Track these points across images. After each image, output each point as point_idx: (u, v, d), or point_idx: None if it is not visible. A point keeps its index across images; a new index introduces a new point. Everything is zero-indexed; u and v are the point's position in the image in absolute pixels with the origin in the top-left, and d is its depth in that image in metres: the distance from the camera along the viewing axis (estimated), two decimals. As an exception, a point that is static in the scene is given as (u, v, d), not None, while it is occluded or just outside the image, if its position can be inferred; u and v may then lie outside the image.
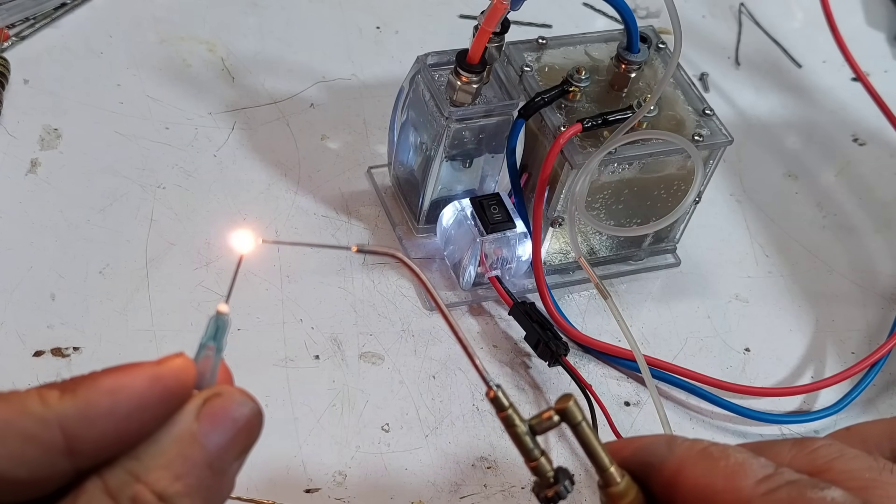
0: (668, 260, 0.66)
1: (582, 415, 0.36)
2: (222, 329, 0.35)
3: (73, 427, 0.31)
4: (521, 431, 0.36)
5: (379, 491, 0.53)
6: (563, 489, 0.36)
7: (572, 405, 0.36)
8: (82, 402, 0.31)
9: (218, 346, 0.35)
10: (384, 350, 0.58)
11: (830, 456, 0.35)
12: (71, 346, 0.55)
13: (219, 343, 0.35)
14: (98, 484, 0.31)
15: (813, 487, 0.33)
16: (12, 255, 0.58)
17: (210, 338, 0.34)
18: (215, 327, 0.35)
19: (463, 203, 0.60)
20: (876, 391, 0.63)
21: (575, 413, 0.36)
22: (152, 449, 0.32)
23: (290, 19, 0.75)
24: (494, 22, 0.54)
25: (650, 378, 0.57)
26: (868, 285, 0.68)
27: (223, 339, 0.35)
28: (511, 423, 0.36)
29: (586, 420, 0.36)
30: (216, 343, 0.35)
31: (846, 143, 0.77)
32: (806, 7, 0.85)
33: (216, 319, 0.35)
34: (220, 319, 0.35)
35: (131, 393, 0.32)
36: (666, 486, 0.35)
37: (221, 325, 0.35)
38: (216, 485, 0.33)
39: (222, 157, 0.66)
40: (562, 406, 0.36)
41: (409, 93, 0.60)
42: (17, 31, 0.69)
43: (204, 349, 0.34)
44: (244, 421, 0.33)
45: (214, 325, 0.35)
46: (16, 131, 0.64)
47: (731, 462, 0.35)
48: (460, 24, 0.78)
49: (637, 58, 0.59)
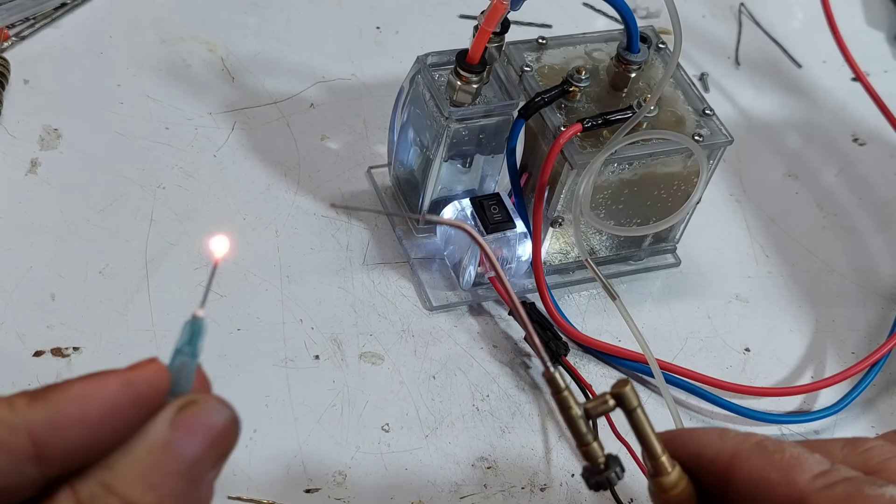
0: (668, 260, 0.66)
1: (638, 401, 0.36)
2: (198, 334, 0.34)
3: (42, 434, 0.30)
4: (576, 414, 0.36)
5: (379, 491, 0.53)
6: (615, 475, 0.36)
7: (629, 390, 0.36)
8: (52, 409, 0.31)
9: (193, 351, 0.34)
10: (384, 350, 0.58)
11: (884, 456, 0.35)
12: (71, 346, 0.55)
13: (194, 349, 0.34)
14: (69, 494, 0.30)
15: (871, 484, 0.33)
16: (12, 255, 0.58)
17: (185, 343, 0.34)
18: (190, 332, 0.34)
19: (463, 203, 0.60)
20: (876, 391, 0.63)
21: (631, 398, 0.36)
22: (125, 458, 0.31)
23: (290, 19, 0.75)
24: (494, 22, 0.54)
25: (663, 384, 0.57)
26: (868, 285, 0.68)
27: (199, 345, 0.34)
28: (567, 406, 0.35)
29: (641, 406, 0.36)
30: (191, 349, 0.34)
31: (846, 143, 0.77)
32: (806, 7, 0.85)
33: (191, 324, 0.34)
34: (196, 324, 0.34)
35: (102, 399, 0.31)
36: (718, 478, 0.35)
37: (197, 330, 0.34)
38: (191, 494, 0.32)
39: (222, 157, 0.66)
40: (618, 390, 0.36)
41: (409, 93, 0.60)
42: (17, 31, 0.69)
43: (179, 355, 0.33)
44: (220, 429, 0.33)
45: (189, 329, 0.34)
46: (16, 131, 0.64)
47: (786, 456, 0.34)
48: (460, 24, 0.78)
49: (637, 58, 0.59)
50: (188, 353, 0.33)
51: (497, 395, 0.58)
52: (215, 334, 0.57)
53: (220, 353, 0.56)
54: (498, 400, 0.58)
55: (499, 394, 0.58)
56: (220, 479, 0.52)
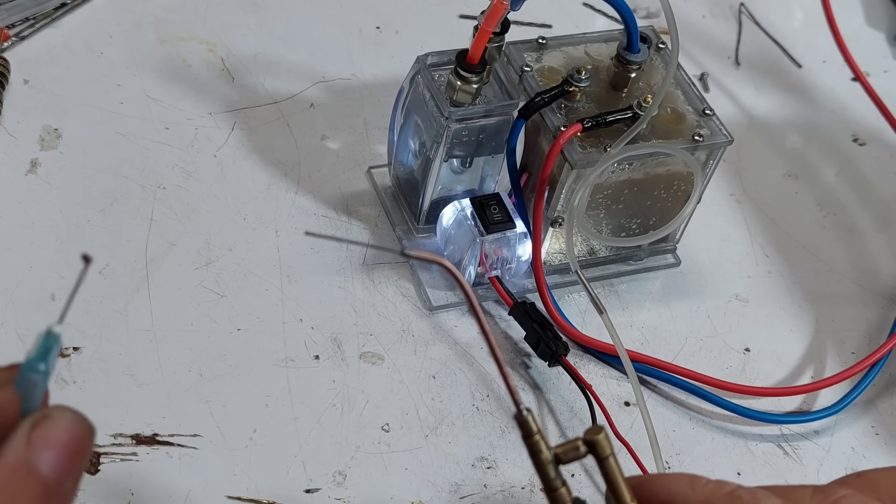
0: (668, 260, 0.66)
1: (610, 449, 0.35)
2: (52, 349, 0.32)
3: None
4: (546, 459, 0.35)
5: (379, 491, 0.53)
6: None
7: (602, 438, 0.35)
8: None
9: (46, 368, 0.32)
10: (384, 350, 0.58)
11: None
12: (71, 346, 0.55)
13: (48, 365, 0.32)
14: None
15: None
16: (12, 255, 0.58)
17: (38, 359, 0.32)
18: (44, 347, 0.32)
19: (463, 203, 0.60)
20: (876, 391, 0.63)
21: (604, 446, 0.35)
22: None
23: (290, 19, 0.75)
24: (494, 22, 0.54)
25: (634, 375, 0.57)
26: (868, 285, 0.68)
27: (52, 361, 0.32)
28: (537, 450, 0.35)
29: (614, 455, 0.35)
30: (45, 365, 0.32)
31: (846, 143, 0.77)
32: (806, 7, 0.85)
33: (46, 338, 0.32)
34: (51, 338, 0.32)
35: None
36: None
37: (51, 345, 0.32)
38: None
39: (222, 157, 0.66)
40: (591, 438, 0.35)
41: (409, 93, 0.60)
42: (17, 31, 0.69)
43: (30, 371, 0.32)
44: (77, 440, 0.32)
45: (44, 344, 0.32)
46: (16, 131, 0.64)
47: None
48: (460, 24, 0.78)
49: (637, 58, 0.59)
50: (41, 370, 0.32)
51: (497, 395, 0.58)
52: (215, 334, 0.57)
53: (220, 353, 0.56)
54: (498, 400, 0.58)
55: (499, 394, 0.58)
56: (220, 478, 0.52)
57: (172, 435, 0.53)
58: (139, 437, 0.53)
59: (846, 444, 0.60)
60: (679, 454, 0.58)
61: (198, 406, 0.54)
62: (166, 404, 0.54)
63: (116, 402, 0.54)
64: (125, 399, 0.54)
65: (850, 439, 0.60)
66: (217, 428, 0.54)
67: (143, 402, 0.54)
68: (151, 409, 0.54)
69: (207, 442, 0.53)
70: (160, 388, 0.55)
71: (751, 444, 0.59)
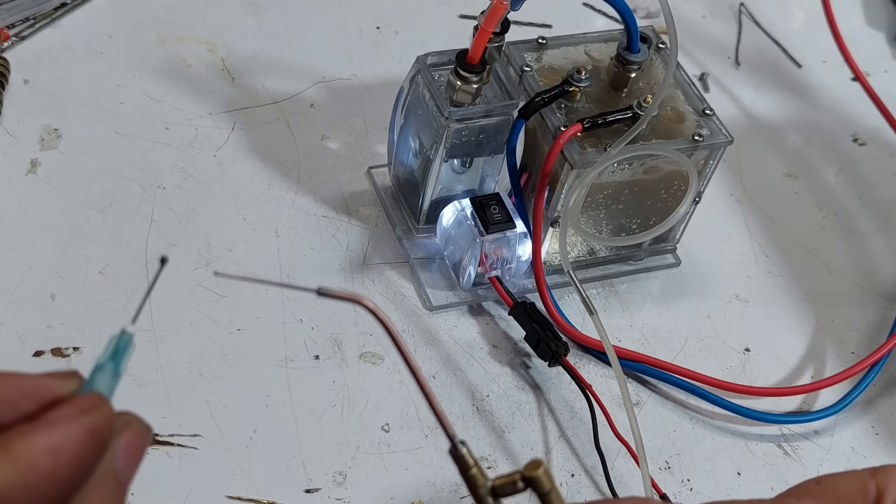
0: (668, 260, 0.66)
1: (551, 483, 0.34)
2: (123, 350, 0.33)
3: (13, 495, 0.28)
4: (484, 493, 0.34)
5: (379, 491, 0.53)
6: None
7: (541, 473, 0.34)
8: (22, 466, 0.29)
9: (117, 369, 0.33)
10: (384, 350, 0.58)
11: None
12: (71, 346, 0.55)
13: (118, 366, 0.33)
14: None
15: None
16: (12, 255, 0.58)
17: (109, 359, 0.33)
18: (116, 348, 0.33)
19: (463, 203, 0.60)
20: (876, 391, 0.63)
21: (543, 482, 0.34)
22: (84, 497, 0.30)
23: (290, 19, 0.75)
24: (494, 22, 0.54)
25: (621, 373, 0.57)
26: (868, 285, 0.68)
27: (123, 363, 0.33)
28: (475, 484, 0.34)
29: (556, 489, 0.34)
30: (115, 365, 0.33)
31: (846, 143, 0.77)
32: (806, 7, 0.85)
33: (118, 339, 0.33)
34: (123, 339, 0.33)
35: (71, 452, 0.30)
36: None
37: (123, 346, 0.33)
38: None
39: (222, 157, 0.66)
40: (530, 474, 0.34)
41: (409, 93, 0.60)
42: (17, 31, 0.69)
43: (100, 371, 0.32)
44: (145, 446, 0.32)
45: (115, 345, 0.33)
46: (16, 131, 0.64)
47: None
48: (460, 24, 0.78)
49: (637, 58, 0.59)
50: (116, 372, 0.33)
51: (497, 395, 0.58)
52: (215, 334, 0.57)
53: (220, 353, 0.56)
54: (498, 400, 0.58)
55: (499, 394, 0.58)
56: (220, 478, 0.52)
57: (172, 435, 0.53)
58: (139, 437, 0.53)
59: (846, 444, 0.60)
60: (679, 454, 0.58)
61: (198, 406, 0.54)
62: (166, 404, 0.54)
63: (116, 403, 0.53)
64: (125, 399, 0.54)
65: (850, 439, 0.60)
66: (217, 428, 0.54)
67: (143, 402, 0.54)
68: (151, 409, 0.54)
69: (207, 442, 0.53)
70: (160, 388, 0.55)
71: (751, 444, 0.59)
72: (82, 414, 0.30)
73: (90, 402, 0.31)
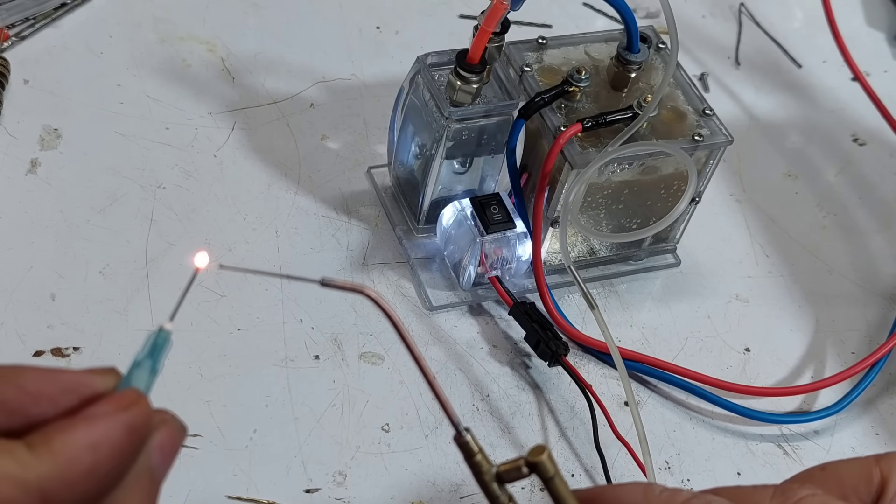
0: (668, 260, 0.66)
1: (555, 468, 0.35)
2: (161, 348, 0.33)
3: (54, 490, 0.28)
4: (489, 479, 0.35)
5: (379, 491, 0.53)
6: None
7: (545, 459, 0.34)
8: (62, 461, 0.29)
9: (154, 366, 0.33)
10: (384, 350, 0.58)
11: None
12: (71, 346, 0.55)
13: (156, 363, 0.33)
14: None
15: None
16: (12, 255, 0.58)
17: (147, 356, 0.33)
18: (154, 345, 0.33)
19: (463, 203, 0.60)
20: (876, 391, 0.63)
21: (547, 467, 0.34)
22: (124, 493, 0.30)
23: (290, 19, 0.75)
24: (494, 22, 0.54)
25: (625, 374, 0.57)
26: (868, 285, 0.68)
27: (161, 360, 0.33)
28: (480, 470, 0.35)
29: (559, 474, 0.35)
30: (153, 362, 0.33)
31: (846, 143, 0.77)
32: (806, 7, 0.85)
33: (156, 336, 0.33)
34: (161, 336, 0.33)
35: (111, 447, 0.30)
36: None
37: (161, 344, 0.33)
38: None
39: (222, 157, 0.66)
40: (534, 459, 0.35)
41: (409, 93, 0.60)
42: (17, 31, 0.69)
43: (138, 367, 0.33)
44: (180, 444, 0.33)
45: (153, 342, 0.33)
46: (16, 131, 0.64)
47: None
48: (460, 24, 0.78)
49: (637, 58, 0.59)
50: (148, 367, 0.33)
51: (497, 395, 0.58)
52: (215, 334, 0.57)
53: (220, 353, 0.56)
54: (498, 400, 0.58)
55: (499, 394, 0.58)
56: (220, 478, 0.52)
57: (172, 435, 0.53)
58: (139, 437, 0.53)
59: (846, 444, 0.60)
60: (679, 454, 0.58)
61: (198, 406, 0.54)
62: (166, 404, 0.54)
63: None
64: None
65: (850, 439, 0.60)
66: (217, 428, 0.54)
67: (143, 402, 0.54)
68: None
69: (207, 442, 0.53)
70: (160, 388, 0.54)
71: (751, 444, 0.59)
72: (121, 410, 0.31)
73: (129, 398, 0.31)
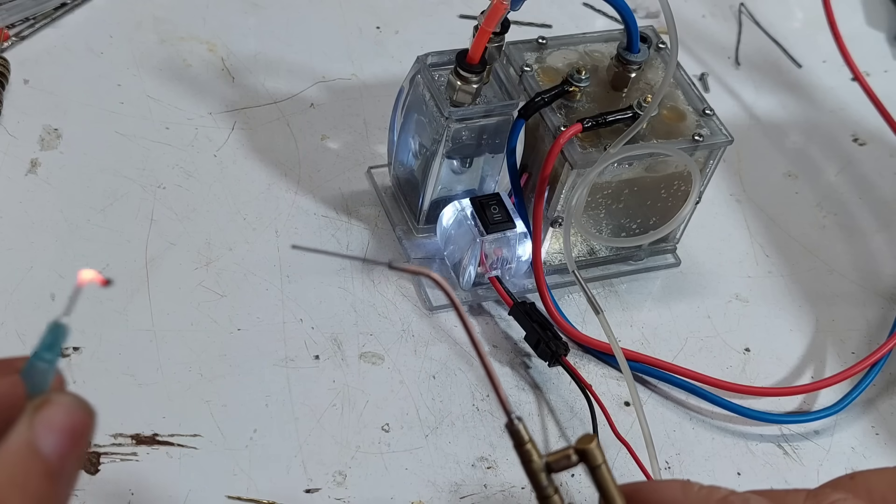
0: (668, 260, 0.66)
1: (602, 457, 0.35)
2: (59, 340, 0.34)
3: None
4: (538, 467, 0.35)
5: (379, 491, 0.53)
6: None
7: (594, 447, 0.35)
8: None
9: (53, 357, 0.34)
10: (384, 350, 0.58)
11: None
12: (71, 346, 0.55)
13: (55, 355, 0.34)
14: None
15: None
16: (12, 255, 0.58)
17: (45, 349, 0.33)
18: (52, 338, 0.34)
19: (463, 203, 0.60)
20: (876, 391, 0.63)
21: (596, 455, 0.35)
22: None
23: (290, 19, 0.75)
24: (494, 22, 0.54)
25: (629, 375, 0.57)
26: (868, 285, 0.68)
27: (59, 350, 0.34)
28: (529, 459, 0.35)
29: (606, 463, 0.35)
30: (52, 355, 0.34)
31: (846, 143, 0.77)
32: (806, 7, 0.85)
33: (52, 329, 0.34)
34: (59, 329, 0.34)
35: None
36: None
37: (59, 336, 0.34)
38: (57, 491, 0.32)
39: (222, 157, 0.66)
40: (583, 447, 0.35)
41: (409, 93, 0.60)
42: (17, 31, 0.69)
43: (38, 360, 0.33)
44: (79, 424, 0.33)
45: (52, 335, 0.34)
46: (16, 131, 0.64)
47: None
48: (460, 24, 0.78)
49: (637, 58, 0.59)
50: (48, 359, 0.33)
51: (497, 395, 0.58)
52: (215, 334, 0.57)
53: (220, 353, 0.56)
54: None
55: (499, 394, 0.58)
56: (220, 478, 0.52)
57: (172, 435, 0.53)
58: (139, 437, 0.53)
59: (846, 444, 0.60)
60: (679, 454, 0.58)
61: (198, 406, 0.54)
62: (166, 404, 0.54)
63: (116, 402, 0.54)
64: (125, 399, 0.54)
65: (850, 439, 0.60)
66: (217, 428, 0.54)
67: (143, 402, 0.54)
68: (151, 409, 0.54)
69: (207, 442, 0.53)
70: (160, 388, 0.55)
71: (751, 444, 0.59)
72: None
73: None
